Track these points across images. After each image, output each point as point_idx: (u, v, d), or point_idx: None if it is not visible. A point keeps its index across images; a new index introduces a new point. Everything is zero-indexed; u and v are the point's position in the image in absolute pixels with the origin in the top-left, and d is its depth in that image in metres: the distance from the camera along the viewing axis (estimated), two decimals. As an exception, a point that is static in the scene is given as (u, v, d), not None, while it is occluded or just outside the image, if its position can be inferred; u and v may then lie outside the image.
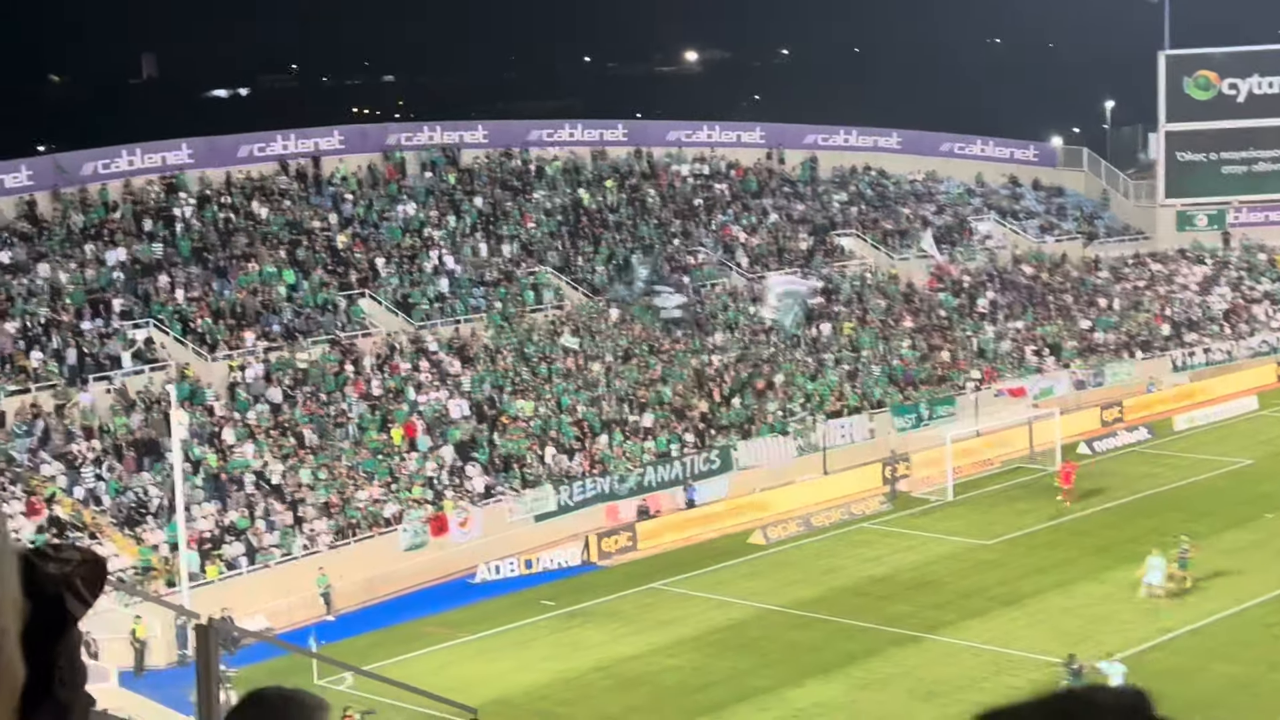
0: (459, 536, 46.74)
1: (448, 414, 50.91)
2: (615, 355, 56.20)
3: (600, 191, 65.78)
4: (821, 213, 70.21)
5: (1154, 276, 73.77)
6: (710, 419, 54.41)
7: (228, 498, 44.78)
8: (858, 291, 65.31)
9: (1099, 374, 64.75)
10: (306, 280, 54.61)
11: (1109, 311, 69.42)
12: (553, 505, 48.99)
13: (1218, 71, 77.44)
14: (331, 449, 47.82)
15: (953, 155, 78.41)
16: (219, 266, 53.81)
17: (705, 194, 68.50)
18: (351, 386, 50.69)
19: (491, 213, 62.16)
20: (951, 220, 73.21)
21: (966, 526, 48.68)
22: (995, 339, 64.95)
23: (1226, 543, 44.90)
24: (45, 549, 1.67)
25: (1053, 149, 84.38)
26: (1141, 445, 58.29)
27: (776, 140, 73.36)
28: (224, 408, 48.12)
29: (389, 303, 55.34)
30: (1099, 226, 77.54)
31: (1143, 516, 48.57)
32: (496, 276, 58.62)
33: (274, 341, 51.25)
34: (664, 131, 71.49)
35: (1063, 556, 44.89)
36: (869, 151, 75.98)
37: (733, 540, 48.61)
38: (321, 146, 61.03)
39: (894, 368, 60.51)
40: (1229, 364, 68.82)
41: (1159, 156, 79.08)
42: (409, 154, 63.09)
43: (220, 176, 57.92)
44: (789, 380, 57.51)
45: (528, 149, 66.26)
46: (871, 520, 50.15)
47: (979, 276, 69.33)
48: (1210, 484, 52.34)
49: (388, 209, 60.00)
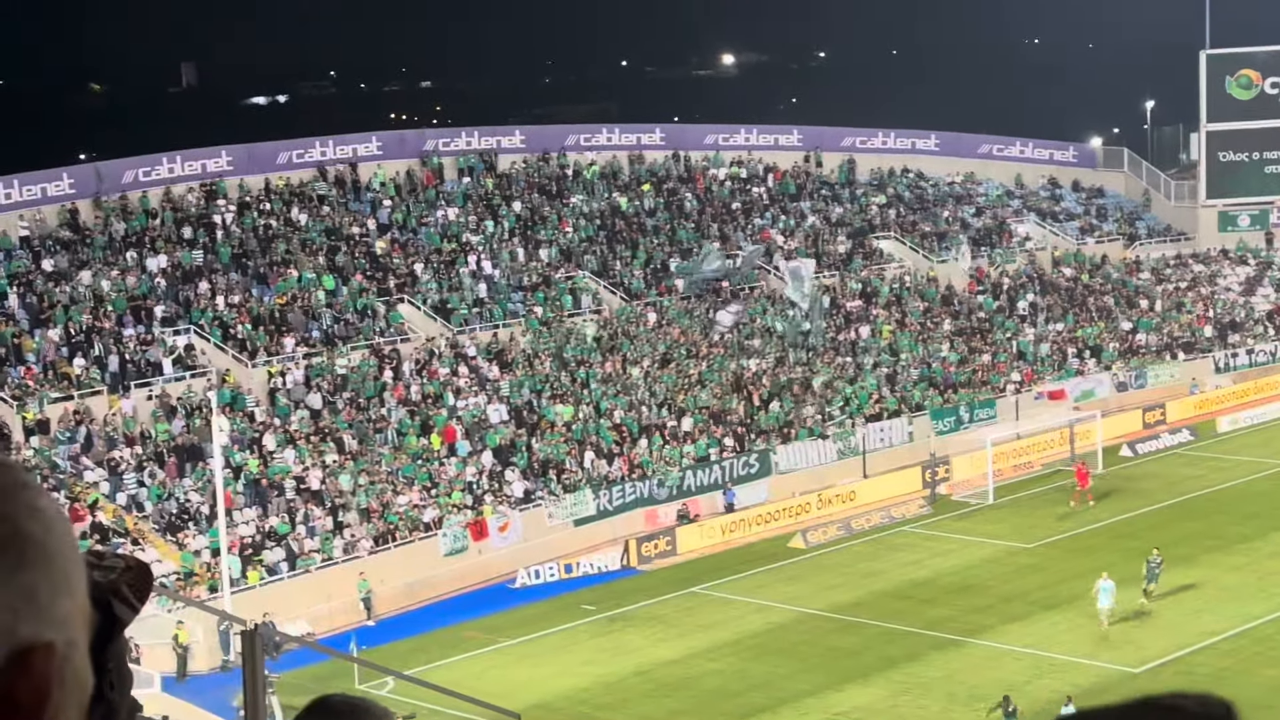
0: (499, 541, 46.78)
1: (486, 419, 50.96)
2: (654, 359, 56.15)
3: (638, 195, 65.76)
4: (860, 215, 70.01)
5: (1196, 277, 73.27)
6: (749, 423, 54.30)
7: (268, 503, 44.94)
8: (896, 294, 65.08)
9: (1141, 376, 64.35)
10: (345, 286, 54.77)
11: (1150, 313, 68.97)
12: (592, 510, 48.98)
13: (1260, 70, 76.84)
14: (371, 454, 47.93)
15: (991, 157, 78.04)
16: (259, 273, 54.02)
17: (743, 197, 68.40)
18: (391, 392, 50.80)
19: (529, 218, 62.22)
20: (991, 222, 72.88)
21: (1007, 530, 48.43)
22: (1035, 341, 64.61)
23: (1274, 545, 44.53)
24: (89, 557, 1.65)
25: (1092, 150, 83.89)
26: (1184, 447, 57.88)
27: (814, 143, 73.18)
28: (264, 413, 48.30)
29: (427, 308, 55.45)
30: (1140, 228, 77.05)
31: (1187, 519, 48.22)
32: (535, 281, 58.67)
33: (313, 347, 51.40)
34: (701, 135, 71.41)
35: (1104, 560, 44.49)
36: (907, 154, 75.71)
37: (772, 544, 48.49)
38: (359, 153, 61.20)
39: (933, 370, 60.27)
40: (1273, 365, 68.26)
41: (1200, 156, 78.52)
42: (446, 160, 63.20)
43: (259, 183, 58.16)
44: (828, 384, 57.36)
45: (565, 154, 66.29)
46: (912, 524, 49.94)
47: (1019, 279, 68.98)
48: (1255, 486, 51.93)
49: (426, 214, 60.13)
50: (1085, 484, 50.57)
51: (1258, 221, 76.58)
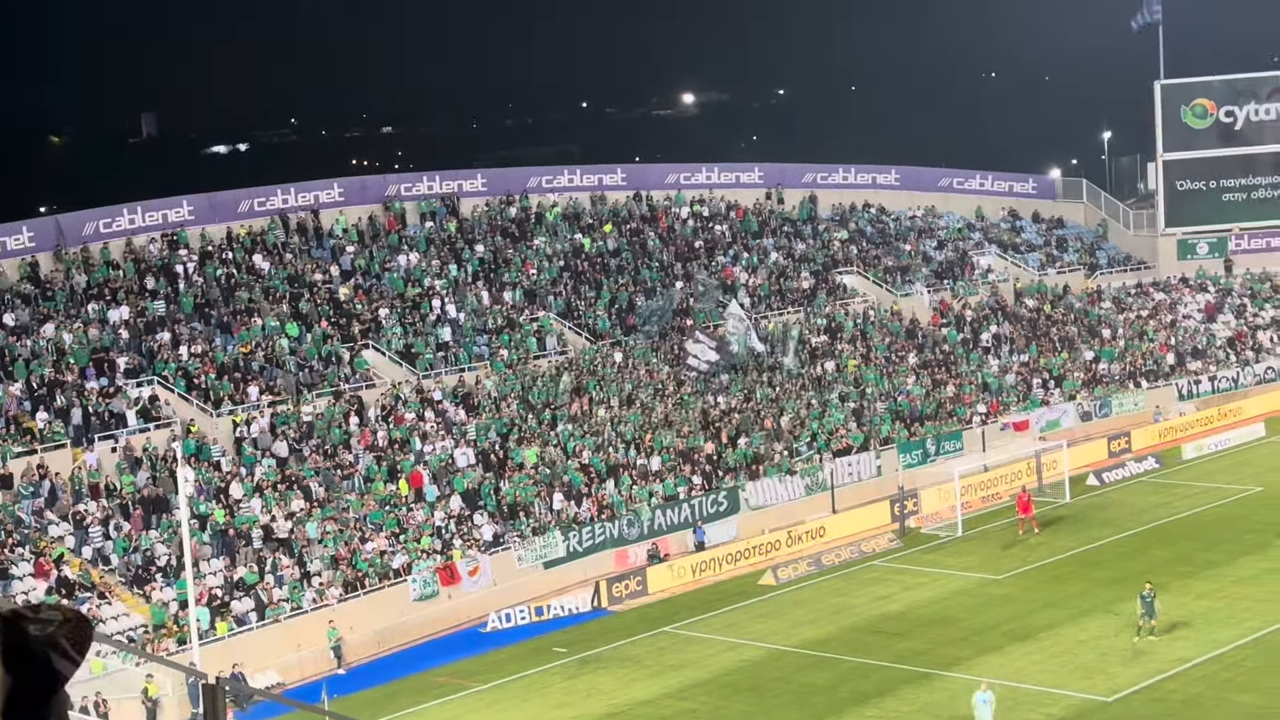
0: (469, 585, 46.59)
1: (454, 463, 50.83)
2: (620, 399, 56.13)
3: (600, 236, 65.86)
4: (822, 251, 70.27)
5: (1157, 305, 73.75)
6: (717, 460, 54.30)
7: (236, 553, 44.68)
8: (861, 329, 65.28)
9: (1105, 405, 64.65)
10: (309, 333, 54.63)
11: (1113, 342, 69.36)
12: (562, 551, 48.85)
13: (1214, 100, 77.61)
14: (338, 501, 47.73)
15: (951, 190, 78.52)
16: (222, 322, 53.84)
17: (706, 235, 68.58)
18: (357, 438, 50.63)
19: (492, 260, 62.24)
20: (952, 255, 73.24)
21: (977, 561, 48.49)
22: (1000, 373, 64.88)
23: (1242, 570, 44.71)
24: (25, 611, 1.62)
25: (1052, 181, 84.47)
26: (1150, 475, 58.12)
27: (775, 180, 73.49)
28: (230, 463, 48.05)
29: (392, 353, 55.34)
30: (1100, 257, 77.56)
31: (1155, 547, 48.40)
32: (499, 324, 58.63)
33: (278, 395, 51.21)
34: (663, 174, 71.64)
35: (1074, 589, 44.68)
36: (868, 189, 76.09)
37: (743, 581, 48.42)
38: (321, 199, 61.16)
39: (900, 404, 60.43)
40: (1235, 391, 68.71)
41: (1158, 186, 79.16)
42: (409, 204, 63.22)
43: (221, 232, 58.03)
44: (795, 419, 57.43)
45: (527, 196, 66.38)
46: (882, 558, 49.96)
47: (982, 310, 69.30)
48: (1221, 512, 52.15)
49: (389, 260, 60.08)
50: (1028, 512, 50.64)
51: (1216, 249, 77.18)
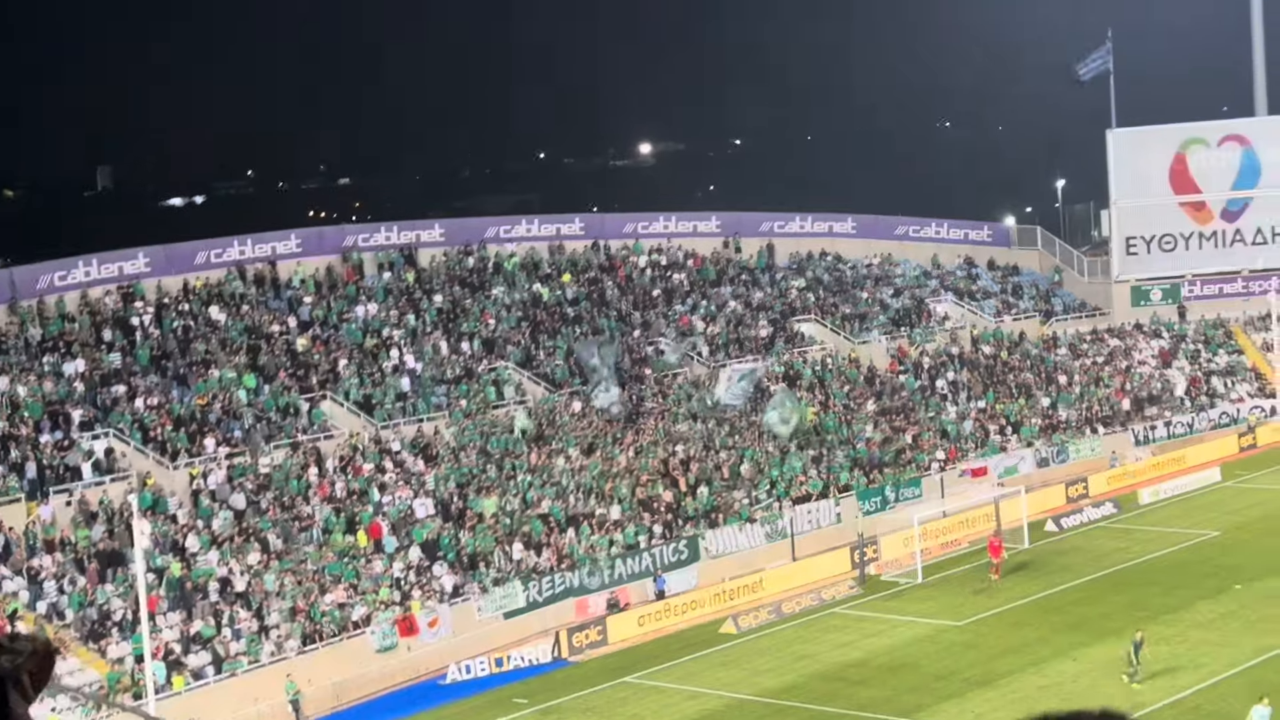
0: (428, 637, 46.32)
1: (413, 514, 50.62)
2: (579, 448, 56.06)
3: (558, 285, 65.94)
4: (780, 299, 70.53)
5: (1112, 352, 74.27)
6: (677, 509, 54.26)
7: (193, 606, 44.30)
8: (819, 376, 65.48)
9: (1062, 451, 64.98)
10: (268, 385, 54.41)
11: (1069, 388, 69.77)
12: (522, 602, 48.65)
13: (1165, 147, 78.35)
14: (297, 553, 47.43)
15: (908, 238, 79.04)
16: (178, 374, 53.57)
17: (664, 284, 68.75)
18: (315, 489, 50.38)
19: (450, 310, 62.20)
20: (909, 302, 73.63)
21: (937, 608, 48.53)
22: (958, 419, 65.14)
23: (1200, 615, 44.90)
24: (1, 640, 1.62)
25: (1006, 229, 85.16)
26: (1108, 520, 58.36)
27: (733, 229, 73.79)
28: (187, 516, 47.71)
29: (350, 404, 55.15)
30: (1055, 304, 78.11)
31: (1113, 592, 48.55)
32: (458, 374, 58.55)
33: (235, 447, 50.94)
34: (620, 224, 71.84)
35: (1035, 635, 44.77)
36: (825, 237, 76.52)
37: (704, 630, 48.31)
38: (279, 250, 61.03)
39: (858, 451, 60.57)
40: (1191, 436, 69.19)
41: (1112, 233, 79.84)
42: (366, 255, 63.16)
43: (177, 284, 57.84)
44: (756, 467, 57.47)
45: (485, 246, 66.45)
46: (842, 605, 49.95)
47: (939, 357, 69.63)
48: (1178, 557, 52.39)
49: (346, 310, 59.97)
50: (997, 556, 50.83)
51: (1170, 295, 77.85)
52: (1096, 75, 79.08)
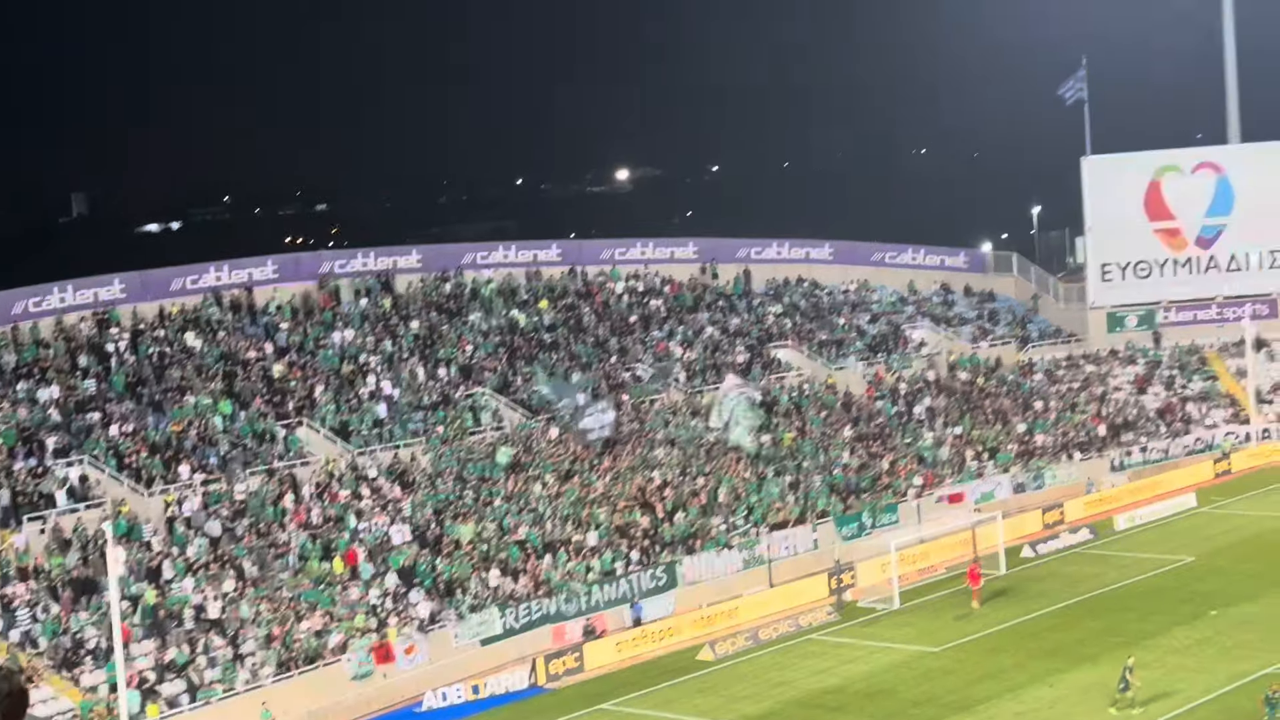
0: (405, 664, 46.13)
1: (389, 540, 50.46)
2: (556, 474, 55.98)
3: (536, 312, 65.92)
4: (757, 325, 70.63)
5: (1088, 378, 74.49)
6: (654, 535, 54.19)
7: (167, 634, 44.04)
8: (796, 402, 65.53)
9: (1038, 476, 65.11)
10: (243, 411, 54.24)
11: (1045, 414, 69.93)
12: (498, 628, 48.49)
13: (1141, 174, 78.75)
14: (272, 580, 47.23)
15: (884, 264, 79.29)
16: (154, 400, 53.37)
17: (641, 310, 68.78)
18: (291, 516, 50.19)
19: (428, 337, 62.13)
20: (886, 328, 73.79)
21: (915, 634, 48.52)
22: (934, 445, 65.23)
23: (1177, 640, 44.96)
24: None
25: (983, 255, 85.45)
26: (1084, 546, 58.47)
27: (710, 255, 73.92)
28: (161, 543, 47.48)
29: (327, 430, 55.00)
30: (1031, 330, 78.35)
31: (1090, 618, 48.60)
32: (434, 400, 58.45)
33: (211, 474, 50.75)
34: (598, 250, 71.89)
35: (1011, 661, 44.78)
36: (801, 263, 76.71)
37: (681, 656, 48.21)
38: (255, 277, 60.93)
39: (835, 477, 60.59)
40: (1166, 462, 69.39)
41: (1087, 259, 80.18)
42: (343, 281, 63.09)
43: (153, 310, 57.67)
44: (732, 493, 57.45)
45: (462, 272, 66.42)
46: (820, 631, 49.91)
47: (915, 383, 69.76)
48: (1154, 583, 52.49)
49: (323, 336, 59.84)
50: (977, 583, 50.91)
51: (1145, 321, 78.17)
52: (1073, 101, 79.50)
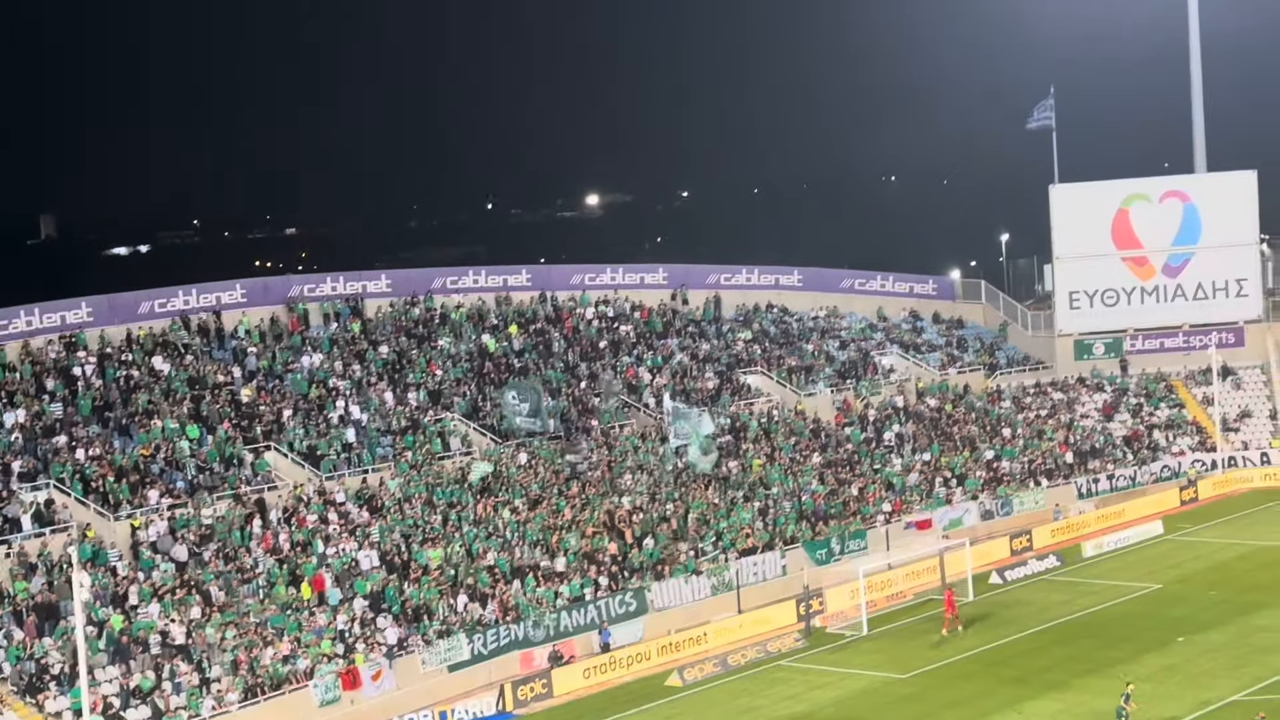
0: (372, 690, 45.93)
1: (357, 565, 50.27)
2: (525, 500, 55.89)
3: (505, 337, 65.90)
4: (726, 351, 70.74)
5: (1055, 405, 74.77)
6: (623, 561, 54.11)
7: (132, 660, 43.77)
8: (765, 428, 65.59)
9: (1006, 503, 65.27)
10: (211, 435, 54.02)
11: (1013, 441, 70.14)
12: (466, 654, 48.34)
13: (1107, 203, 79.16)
14: (239, 605, 46.99)
15: (854, 291, 79.54)
16: (120, 424, 53.12)
17: (611, 336, 68.82)
18: (258, 541, 49.98)
19: (396, 361, 62.03)
20: (855, 355, 73.97)
21: (883, 661, 48.54)
22: (903, 471, 65.36)
23: (1143, 668, 45.06)
24: None
25: (951, 282, 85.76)
26: (1052, 573, 58.61)
27: (680, 281, 74.05)
28: (127, 568, 47.22)
29: (295, 455, 54.80)
30: (1000, 357, 78.63)
31: (1057, 645, 48.69)
32: (403, 425, 58.32)
33: (178, 498, 50.50)
34: (568, 275, 71.95)
35: (979, 688, 44.83)
36: (771, 289, 76.90)
37: (650, 683, 48.13)
38: (223, 300, 60.78)
39: (804, 503, 60.64)
40: (1133, 489, 69.66)
41: (1054, 287, 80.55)
42: (312, 305, 62.97)
43: (121, 334, 57.47)
44: (701, 519, 57.44)
45: (431, 296, 66.39)
46: (788, 658, 49.89)
47: (884, 410, 69.92)
48: (1121, 610, 52.63)
49: (291, 360, 59.70)
50: (953, 610, 51.04)
51: (1112, 349, 78.53)
52: (1040, 129, 79.99)
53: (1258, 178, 78.19)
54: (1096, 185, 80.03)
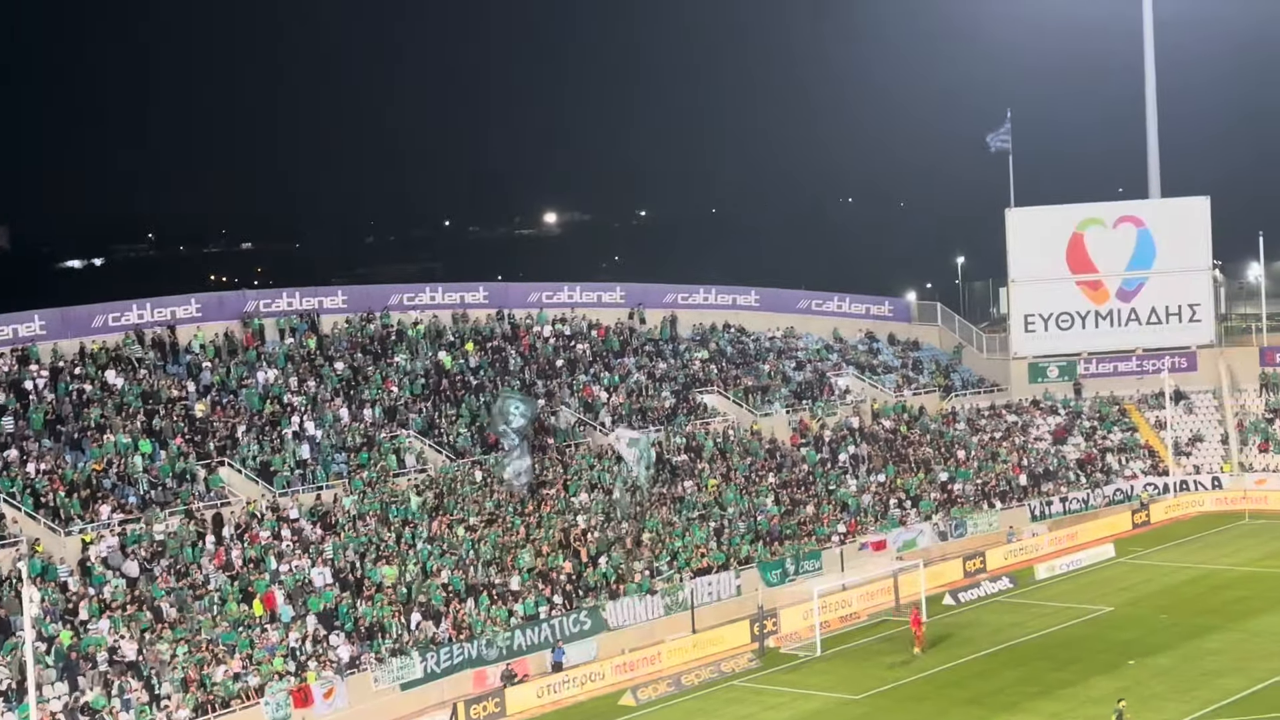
0: (323, 708, 45.67)
1: (310, 582, 49.99)
2: (480, 518, 55.74)
3: (462, 354, 65.76)
4: (683, 370, 70.78)
5: (1010, 428, 75.14)
6: (577, 580, 54.02)
7: (81, 676, 43.37)
8: (721, 448, 65.64)
9: (960, 525, 65.51)
10: (164, 450, 53.67)
11: (967, 463, 70.42)
12: (419, 673, 48.13)
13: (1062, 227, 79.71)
14: (190, 622, 46.65)
15: (810, 312, 79.79)
16: (73, 439, 52.71)
17: (567, 354, 68.78)
18: (210, 557, 49.65)
19: (352, 377, 61.79)
20: (811, 375, 74.14)
21: (836, 681, 48.60)
22: (858, 492, 65.51)
23: (1094, 690, 45.27)
24: None
25: (907, 304, 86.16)
26: (1005, 595, 58.84)
27: (637, 300, 74.08)
28: (78, 583, 46.81)
29: (249, 471, 54.50)
30: (955, 379, 78.98)
31: (1009, 666, 48.86)
32: (359, 442, 58.09)
33: (130, 514, 50.12)
34: (525, 293, 71.88)
35: (932, 709, 44.93)
36: (728, 309, 77.03)
37: (603, 702, 48.05)
38: (178, 315, 60.42)
39: (759, 523, 60.69)
40: (1086, 512, 70.07)
41: (1009, 310, 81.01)
42: (268, 321, 62.67)
43: (73, 347, 57.04)
44: (656, 538, 57.40)
45: (388, 313, 66.20)
46: (741, 678, 49.88)
47: (840, 431, 70.09)
48: (1073, 632, 52.87)
49: (246, 376, 59.39)
50: (918, 628, 51.28)
51: (1066, 372, 79.03)
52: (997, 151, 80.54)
53: (1211, 204, 78.93)
54: (1052, 209, 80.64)
